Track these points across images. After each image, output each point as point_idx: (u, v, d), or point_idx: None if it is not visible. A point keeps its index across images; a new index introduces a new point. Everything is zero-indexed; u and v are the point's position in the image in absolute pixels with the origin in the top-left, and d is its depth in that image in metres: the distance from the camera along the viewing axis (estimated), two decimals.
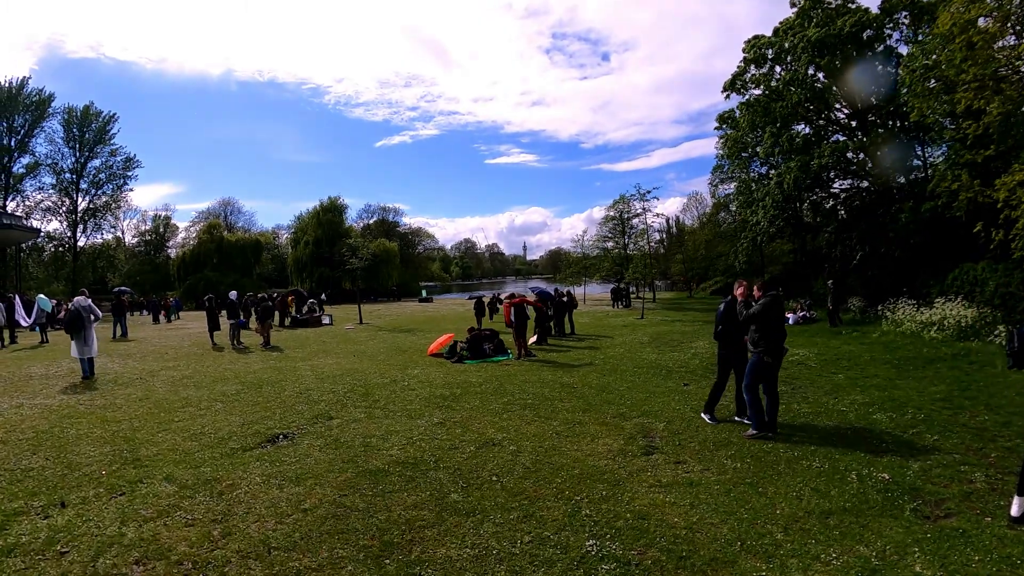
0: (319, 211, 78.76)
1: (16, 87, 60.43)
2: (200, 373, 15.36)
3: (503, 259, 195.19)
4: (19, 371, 16.11)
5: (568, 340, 21.49)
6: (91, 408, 11.32)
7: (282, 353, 19.59)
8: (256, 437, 9.19)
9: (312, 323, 31.44)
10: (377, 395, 12.14)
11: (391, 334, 25.78)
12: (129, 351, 20.62)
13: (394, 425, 9.69)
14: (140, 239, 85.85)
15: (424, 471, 7.42)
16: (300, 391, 12.69)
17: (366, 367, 15.92)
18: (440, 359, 17.15)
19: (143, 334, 28.61)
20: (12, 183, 61.52)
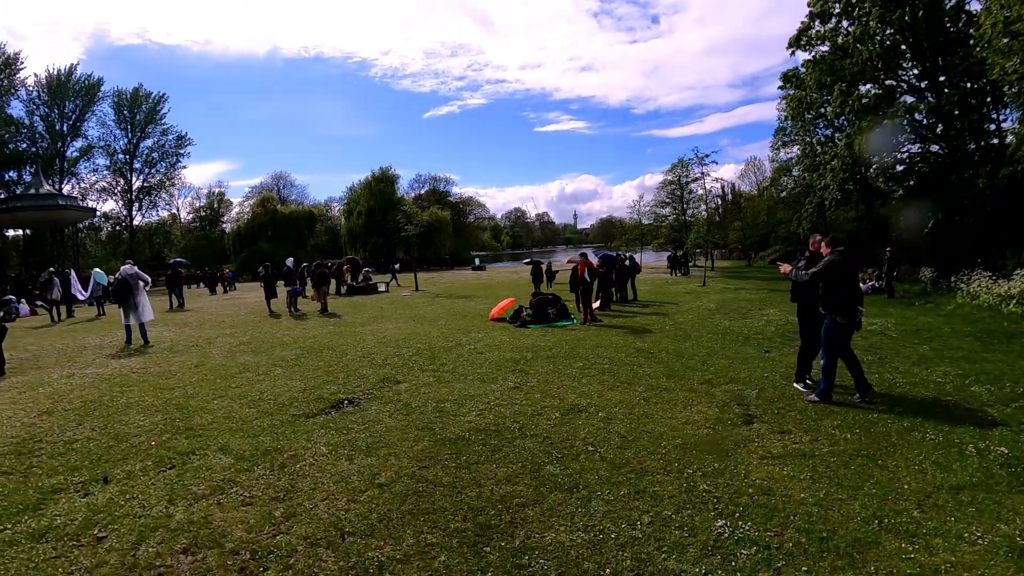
0: (371, 181, 78.36)
1: (65, 74, 61.55)
2: (258, 339, 14.78)
3: (553, 228, 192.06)
4: (73, 342, 15.81)
5: (631, 306, 20.46)
6: (143, 376, 10.73)
7: (340, 319, 18.99)
8: (319, 403, 8.42)
9: (368, 290, 31.00)
10: (443, 359, 11.34)
11: (448, 300, 25.04)
12: (185, 320, 20.32)
13: (467, 389, 8.91)
14: (195, 215, 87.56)
15: (509, 439, 6.65)
16: (363, 355, 11.95)
17: (428, 331, 15.17)
18: (502, 324, 16.32)
19: (199, 304, 28.47)
20: (67, 167, 63.10)
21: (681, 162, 48.87)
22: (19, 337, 17.54)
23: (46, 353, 14.03)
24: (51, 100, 60.62)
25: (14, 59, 56.55)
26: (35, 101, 60.08)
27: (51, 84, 60.28)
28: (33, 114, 60.10)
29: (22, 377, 11.10)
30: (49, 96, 60.57)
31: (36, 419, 8.09)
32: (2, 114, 56.03)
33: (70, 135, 62.61)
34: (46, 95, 60.45)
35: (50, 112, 61.02)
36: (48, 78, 60.48)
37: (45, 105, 60.67)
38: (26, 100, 59.47)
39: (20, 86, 58.11)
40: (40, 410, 8.54)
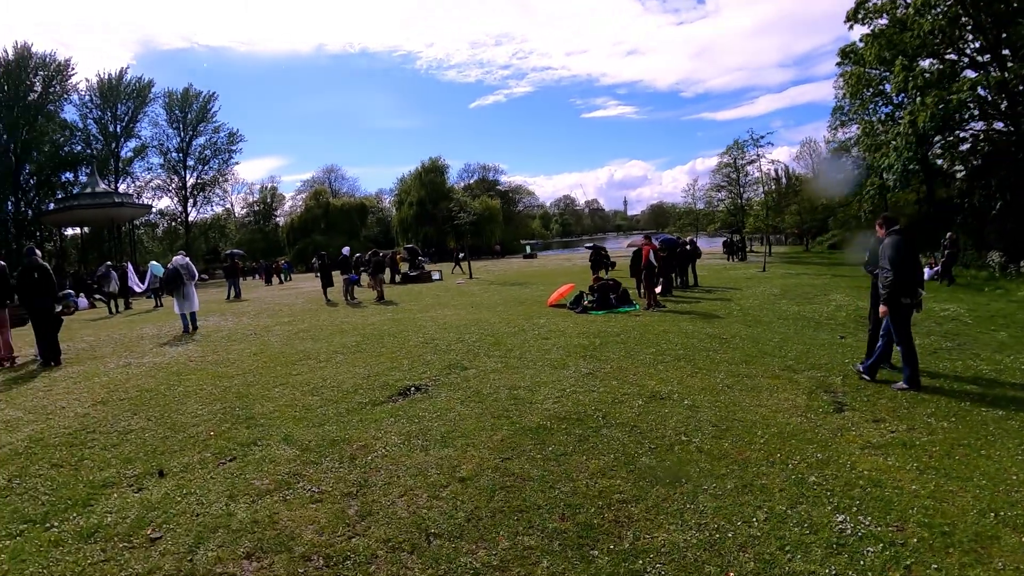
0: (421, 172, 78.63)
1: (116, 78, 64.11)
2: (317, 327, 14.39)
3: (603, 215, 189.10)
4: (131, 332, 15.66)
5: (693, 292, 19.66)
6: (201, 364, 10.36)
7: (397, 306, 18.56)
8: (385, 390, 7.89)
9: (422, 279, 30.75)
10: (509, 344, 10.74)
11: (503, 287, 24.44)
12: (243, 310, 20.15)
13: (539, 376, 8.31)
14: (249, 210, 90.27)
15: (594, 428, 6.11)
16: (425, 341, 11.41)
17: (488, 317, 14.60)
18: (562, 310, 15.69)
19: (256, 294, 28.53)
20: (122, 167, 65.67)
21: (737, 144, 47.49)
22: (77, 329, 17.50)
23: (103, 343, 13.83)
24: (103, 103, 63.22)
25: (64, 66, 58.78)
26: (88, 105, 62.68)
27: (102, 88, 62.82)
28: (87, 117, 62.69)
29: (78, 367, 10.84)
30: (101, 99, 63.07)
31: (90, 409, 7.73)
32: (56, 119, 58.34)
33: (123, 136, 65.32)
34: (98, 99, 62.96)
35: (103, 115, 63.59)
36: (99, 82, 63.04)
37: (98, 108, 63.26)
38: (79, 104, 61.94)
39: (72, 91, 60.51)
40: (95, 400, 8.19)
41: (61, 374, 10.26)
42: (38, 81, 57.11)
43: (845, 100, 41.24)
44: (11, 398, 8.73)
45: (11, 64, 54.69)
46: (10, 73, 54.47)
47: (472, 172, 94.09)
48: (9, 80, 54.56)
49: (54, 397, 8.54)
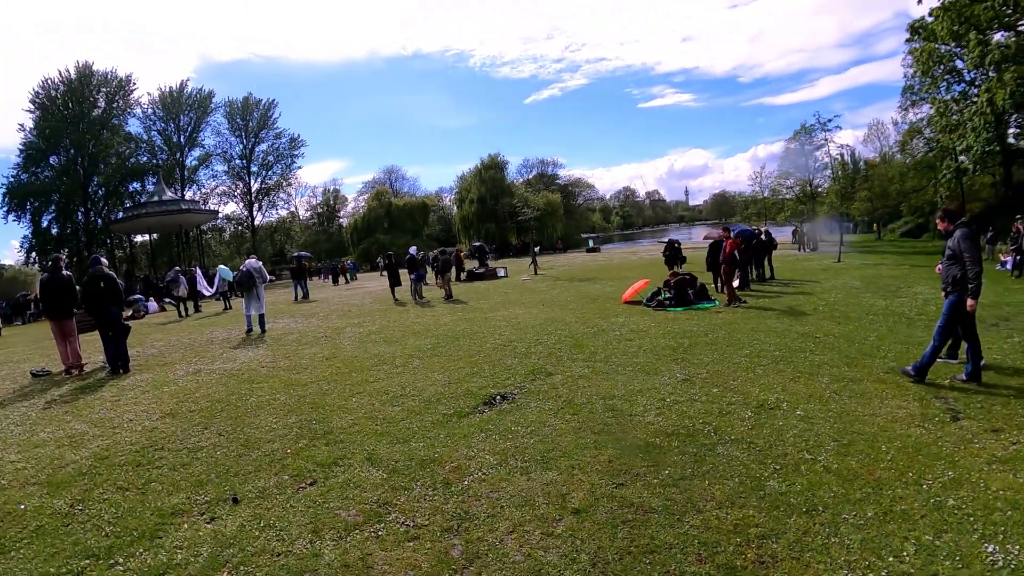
0: (481, 169, 78.01)
1: (176, 91, 67.20)
2: (388, 328, 13.90)
3: (664, 206, 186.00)
4: (200, 336, 15.51)
5: (771, 285, 18.50)
6: (273, 371, 9.92)
7: (466, 305, 17.99)
8: (469, 399, 7.26)
9: (487, 276, 30.27)
10: (592, 346, 10.00)
11: (571, 284, 23.55)
12: (312, 311, 19.88)
13: (632, 382, 7.56)
14: (313, 212, 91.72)
15: (708, 446, 5.44)
16: (503, 343, 10.75)
17: (563, 316, 13.86)
18: (637, 307, 14.83)
19: (324, 295, 28.40)
20: (187, 175, 68.73)
21: (804, 128, 45.32)
22: (146, 333, 17.58)
23: (172, 348, 13.68)
24: (166, 115, 66.38)
25: (126, 81, 62.08)
26: (151, 117, 66.01)
27: (164, 101, 65.99)
28: (151, 129, 66.06)
29: (147, 375, 10.58)
30: (164, 112, 66.17)
31: (159, 422, 7.32)
32: (121, 132, 61.80)
33: (187, 145, 68.36)
34: (161, 111, 66.04)
35: (166, 126, 66.81)
36: (161, 96, 66.20)
37: (161, 120, 66.48)
38: (142, 117, 65.18)
39: (135, 105, 63.70)
40: (163, 412, 7.80)
41: (129, 382, 9.99)
42: (101, 97, 60.36)
43: (915, 79, 39.45)
44: (77, 410, 8.44)
45: (74, 83, 57.87)
46: (73, 91, 57.73)
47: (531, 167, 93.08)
48: (73, 98, 57.80)
49: (121, 409, 8.21)
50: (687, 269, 19.15)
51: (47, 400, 9.35)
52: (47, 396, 9.69)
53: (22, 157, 57.96)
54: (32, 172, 58.07)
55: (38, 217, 58.65)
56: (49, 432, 7.35)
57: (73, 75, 58.14)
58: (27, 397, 9.79)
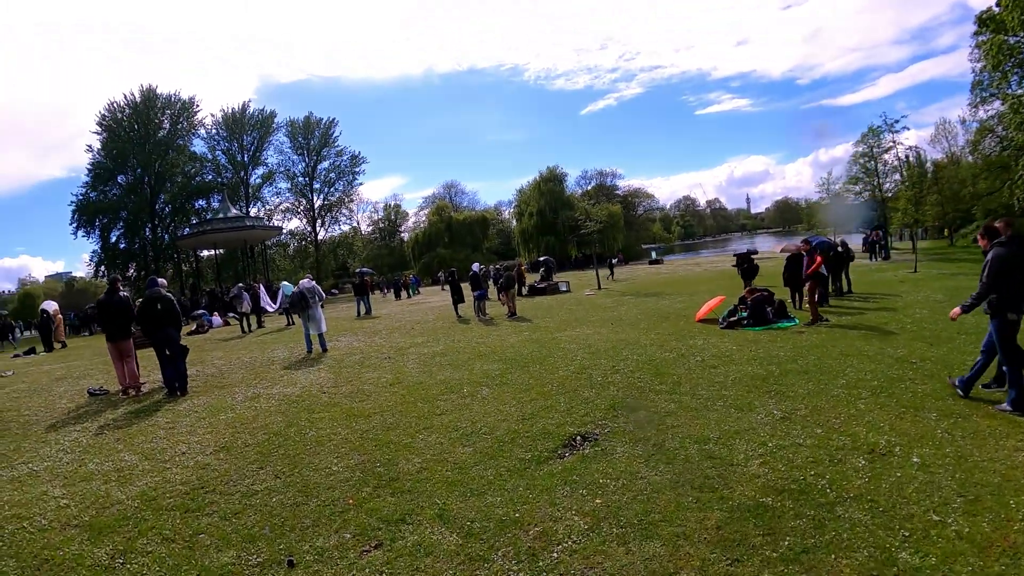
0: (539, 182, 78.01)
1: (239, 111, 69.79)
2: (453, 349, 13.28)
3: (725, 214, 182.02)
4: (262, 355, 15.19)
5: (850, 300, 17.14)
6: (335, 397, 9.37)
7: (531, 323, 17.23)
8: (547, 440, 6.50)
9: (549, 291, 29.59)
10: (673, 374, 9.12)
11: (638, 299, 22.53)
12: (375, 328, 19.46)
13: (725, 421, 6.70)
14: (374, 227, 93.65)
15: (826, 506, 4.62)
16: (576, 370, 9.94)
17: (636, 337, 12.97)
18: (712, 326, 13.91)
19: (387, 310, 28.10)
20: (252, 192, 70.95)
21: (872, 131, 43.30)
22: (208, 350, 17.44)
23: (233, 368, 13.36)
24: (230, 135, 69.01)
25: (190, 103, 64.72)
26: (215, 138, 68.68)
27: (227, 121, 68.50)
28: (215, 149, 68.75)
29: (205, 398, 10.19)
30: (227, 132, 68.73)
31: (212, 457, 6.81)
32: (186, 152, 64.35)
33: (251, 164, 70.82)
34: (224, 131, 68.64)
35: (230, 146, 69.30)
36: (224, 116, 68.77)
37: (225, 140, 69.04)
38: (206, 138, 67.93)
39: (199, 126, 66.42)
40: (217, 444, 7.29)
41: (185, 407, 9.60)
42: (166, 119, 63.13)
43: (984, 73, 37.39)
44: (130, 437, 8.06)
45: (139, 105, 60.74)
46: (139, 113, 60.63)
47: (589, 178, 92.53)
48: (138, 119, 60.71)
49: (175, 438, 7.77)
50: (760, 283, 18.11)
51: (100, 424, 9.05)
52: (101, 419, 9.42)
53: (91, 176, 60.78)
54: (100, 190, 60.64)
55: (107, 233, 61.01)
56: (98, 463, 6.99)
57: (138, 98, 60.96)
58: (81, 419, 9.55)
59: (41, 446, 8.13)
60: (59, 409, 10.68)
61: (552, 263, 37.54)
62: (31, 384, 14.24)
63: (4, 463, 7.54)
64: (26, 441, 8.53)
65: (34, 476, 6.80)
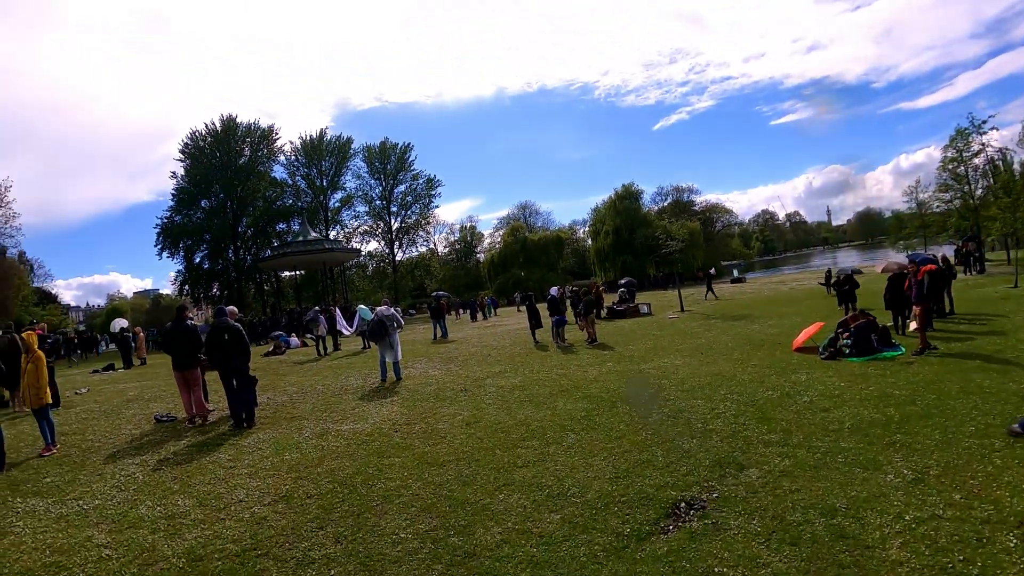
0: (615, 200, 77.02)
1: (316, 138, 72.65)
2: (532, 381, 12.37)
3: (806, 227, 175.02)
4: (335, 382, 14.69)
5: (954, 322, 15.40)
6: (407, 438, 8.61)
7: (613, 351, 16.16)
8: (646, 505, 5.52)
9: (630, 313, 28.11)
10: (780, 418, 7.98)
11: (725, 323, 21.05)
12: (451, 354, 18.81)
13: (850, 485, 5.57)
14: (450, 248, 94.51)
15: None
16: (671, 412, 8.86)
17: (730, 370, 11.79)
18: (811, 355, 12.63)
19: (463, 334, 27.43)
20: (331, 216, 73.44)
21: (960, 133, 40.21)
22: (283, 374, 17.20)
23: (305, 397, 12.87)
24: (308, 161, 71.81)
25: (269, 131, 67.84)
26: (294, 164, 71.78)
27: (306, 148, 71.52)
28: (295, 174, 71.92)
29: (272, 432, 9.63)
30: (306, 158, 71.61)
31: (270, 509, 6.14)
32: (267, 177, 67.51)
33: (330, 188, 73.42)
34: (303, 157, 71.61)
35: (309, 171, 72.09)
36: (303, 143, 71.87)
37: (304, 166, 71.94)
38: (286, 164, 71.18)
39: (279, 153, 69.55)
40: (278, 493, 6.61)
41: (250, 442, 9.06)
42: (246, 146, 66.34)
43: None
44: (188, 476, 7.55)
45: (220, 134, 64.04)
46: (220, 141, 63.97)
47: (665, 195, 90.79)
48: (220, 147, 64.08)
49: (234, 480, 7.19)
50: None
51: (160, 458, 8.65)
52: (161, 451, 9.05)
53: (175, 200, 64.37)
54: (185, 214, 64.16)
55: (191, 254, 64.39)
56: (149, 506, 6.50)
57: (219, 127, 64.21)
58: (142, 450, 9.22)
59: (95, 480, 7.78)
60: (123, 436, 10.43)
61: (634, 285, 36.22)
62: (102, 404, 14.24)
63: (56, 496, 7.24)
64: (82, 472, 8.27)
65: (82, 516, 6.42)
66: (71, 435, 10.79)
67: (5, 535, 6.11)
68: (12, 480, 8.16)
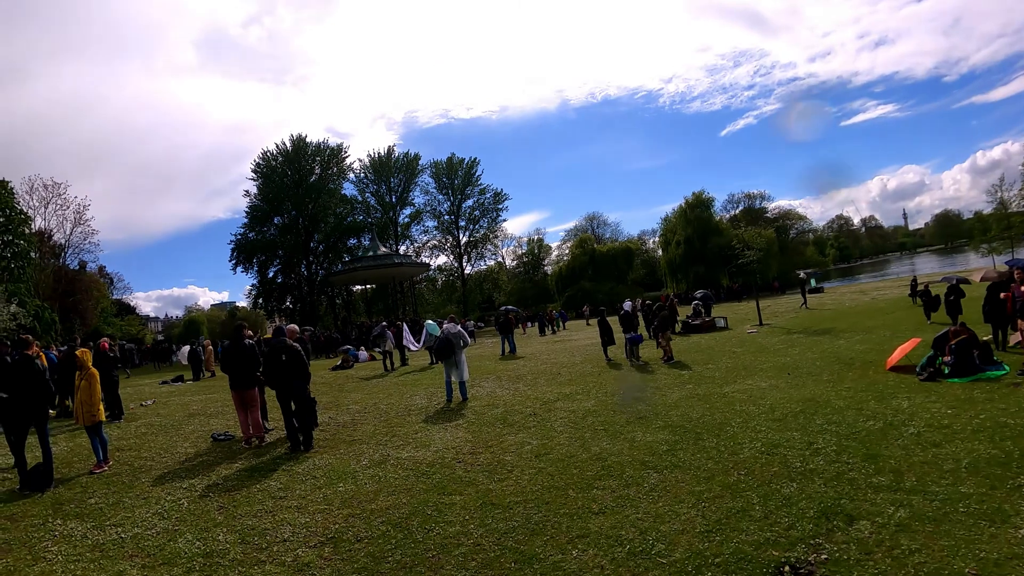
0: (685, 208, 74.64)
1: (385, 156, 75.25)
2: (607, 406, 11.44)
3: (882, 232, 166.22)
4: (400, 401, 14.14)
5: None
6: (471, 470, 7.84)
7: (691, 371, 15.11)
8: (743, 569, 4.60)
9: (706, 327, 26.67)
10: (889, 457, 6.88)
11: (809, 338, 19.68)
12: (519, 371, 18.05)
13: (977, 543, 4.61)
14: (518, 261, 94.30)
15: None
16: (764, 448, 7.77)
17: (824, 395, 10.61)
18: (908, 375, 11.51)
19: (531, 349, 26.64)
20: (400, 231, 75.79)
21: None
22: (348, 391, 16.86)
23: (367, 417, 12.33)
24: (377, 178, 74.46)
25: (338, 149, 71.30)
26: (363, 181, 74.75)
27: (375, 165, 74.30)
28: (364, 191, 74.89)
29: (328, 457, 9.04)
30: (375, 175, 74.29)
31: (315, 553, 5.49)
32: (337, 195, 70.55)
33: (399, 204, 75.84)
34: (372, 175, 74.38)
35: (378, 188, 74.79)
36: (371, 160, 74.62)
37: (373, 183, 74.68)
38: (355, 181, 74.22)
39: (348, 171, 72.77)
40: (326, 533, 5.95)
41: (304, 468, 8.49)
42: (316, 165, 69.46)
43: None
44: (234, 506, 7.03)
45: (291, 153, 67.41)
46: (291, 161, 67.41)
47: (736, 202, 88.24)
48: (291, 166, 67.52)
49: (281, 514, 6.60)
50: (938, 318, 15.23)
51: (208, 483, 8.16)
52: (212, 475, 8.60)
53: (248, 218, 68.40)
54: (258, 231, 67.87)
55: (264, 269, 68.19)
56: (188, 540, 6.00)
57: (289, 147, 67.40)
58: (193, 472, 8.84)
59: (140, 504, 7.40)
60: (177, 454, 10.12)
61: (710, 297, 34.68)
62: (164, 418, 14.13)
63: (96, 520, 6.89)
64: (128, 494, 7.87)
65: (119, 546, 6.07)
66: (127, 451, 10.60)
67: (37, 561, 5.78)
68: (57, 499, 7.88)
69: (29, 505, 7.67)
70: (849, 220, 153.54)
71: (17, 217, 47.72)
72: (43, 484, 8.30)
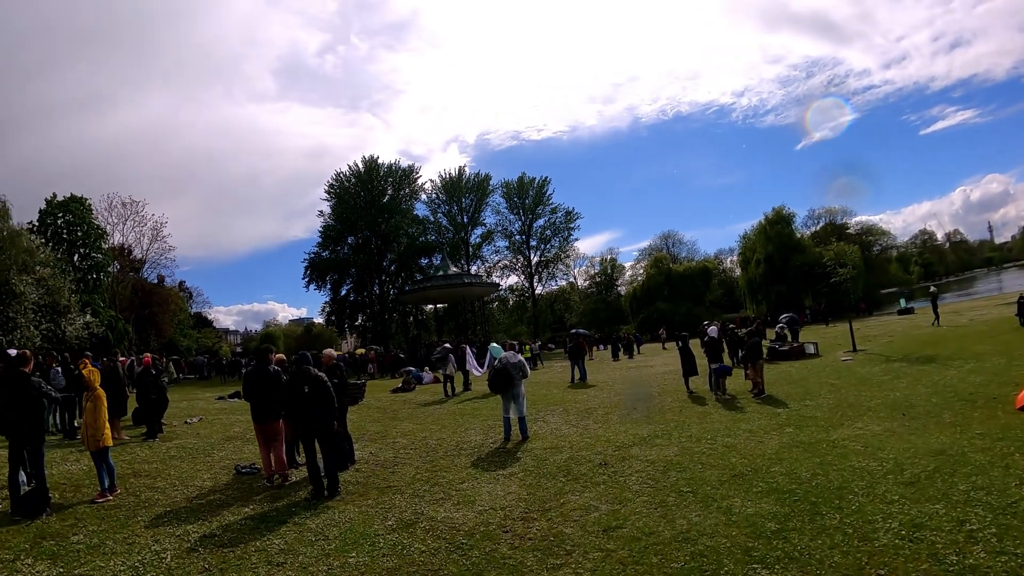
0: (765, 225, 71.00)
1: (455, 176, 75.78)
2: (692, 455, 9.49)
3: (967, 247, 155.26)
4: (453, 436, 12.62)
5: None
6: (518, 547, 6.07)
7: (787, 408, 13.01)
8: None
9: (793, 354, 24.04)
10: None
11: (912, 367, 17.08)
12: (589, 404, 16.21)
13: None
14: (591, 281, 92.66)
15: None
16: (901, 530, 5.75)
17: (954, 445, 8.56)
18: None
19: (603, 376, 24.73)
20: (472, 251, 76.53)
21: None
22: (402, 419, 15.59)
23: (412, 454, 10.85)
24: (448, 199, 74.90)
25: (410, 170, 72.71)
26: (435, 201, 75.44)
27: (446, 186, 74.97)
28: (436, 212, 75.27)
29: (352, 509, 7.59)
30: (446, 196, 74.73)
31: None
32: (409, 215, 71.43)
33: (470, 224, 76.17)
34: (443, 195, 74.87)
35: (450, 208, 75.09)
36: (443, 181, 75.33)
37: (444, 203, 75.09)
38: (427, 202, 74.87)
39: (420, 191, 73.66)
40: None
41: (319, 523, 7.11)
42: (389, 186, 70.74)
43: None
44: (224, 567, 5.92)
45: (363, 174, 68.84)
46: (363, 182, 68.88)
47: (817, 218, 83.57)
48: (364, 187, 68.94)
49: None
50: None
51: (206, 532, 6.99)
52: (214, 521, 7.43)
53: (322, 237, 70.18)
54: (331, 249, 69.45)
55: (337, 287, 69.73)
56: None
57: (362, 168, 68.94)
58: (194, 515, 7.73)
59: (121, 551, 6.46)
60: (192, 488, 9.17)
61: (797, 321, 31.80)
62: (199, 440, 13.37)
63: (66, 567, 6.04)
64: (116, 535, 6.97)
65: None
66: (143, 477, 9.90)
67: None
68: (43, 530, 7.20)
69: (11, 535, 7.06)
70: (933, 235, 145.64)
71: (95, 231, 50.42)
72: (36, 511, 7.69)
